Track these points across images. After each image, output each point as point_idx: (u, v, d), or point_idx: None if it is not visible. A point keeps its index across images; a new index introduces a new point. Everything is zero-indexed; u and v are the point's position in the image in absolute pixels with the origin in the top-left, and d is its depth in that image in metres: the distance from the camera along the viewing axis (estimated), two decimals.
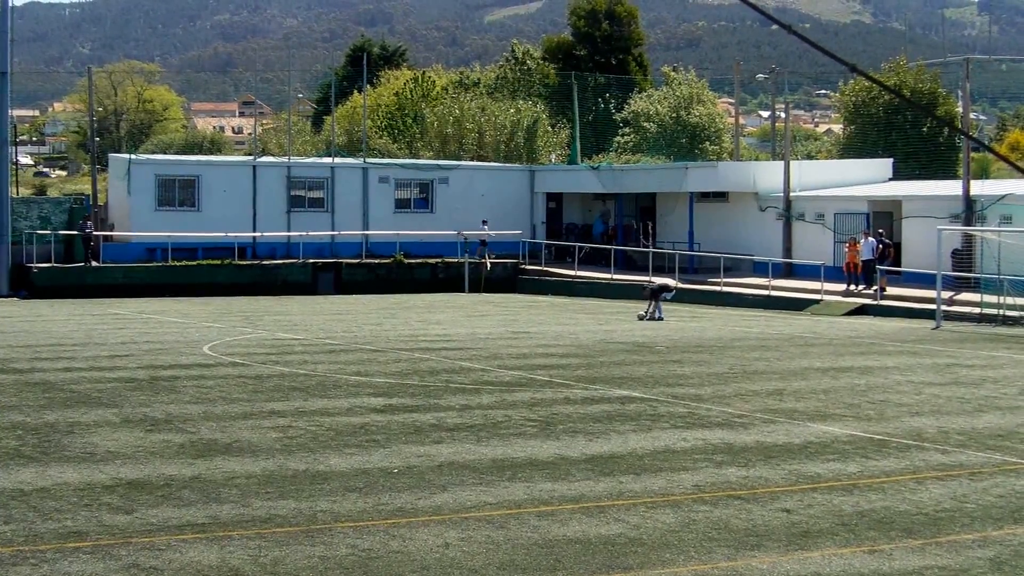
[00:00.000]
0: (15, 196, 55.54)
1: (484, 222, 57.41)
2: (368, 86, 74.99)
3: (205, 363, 26.92)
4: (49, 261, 51.13)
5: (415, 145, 75.29)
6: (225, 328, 35.81)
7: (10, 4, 51.87)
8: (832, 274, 47.26)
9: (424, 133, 75.26)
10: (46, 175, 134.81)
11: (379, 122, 78.82)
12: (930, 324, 38.74)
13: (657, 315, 40.14)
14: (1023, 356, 30.38)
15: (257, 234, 55.45)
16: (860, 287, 46.01)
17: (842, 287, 46.53)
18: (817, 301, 45.11)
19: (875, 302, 43.75)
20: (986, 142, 77.36)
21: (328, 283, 54.31)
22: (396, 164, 62.22)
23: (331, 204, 57.89)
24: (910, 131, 67.40)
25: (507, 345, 31.55)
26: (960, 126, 50.28)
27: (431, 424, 18.98)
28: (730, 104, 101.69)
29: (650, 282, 42.56)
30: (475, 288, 55.33)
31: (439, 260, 56.86)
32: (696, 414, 20.33)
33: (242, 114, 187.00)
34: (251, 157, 61.81)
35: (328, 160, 60.14)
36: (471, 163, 65.12)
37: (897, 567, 11.63)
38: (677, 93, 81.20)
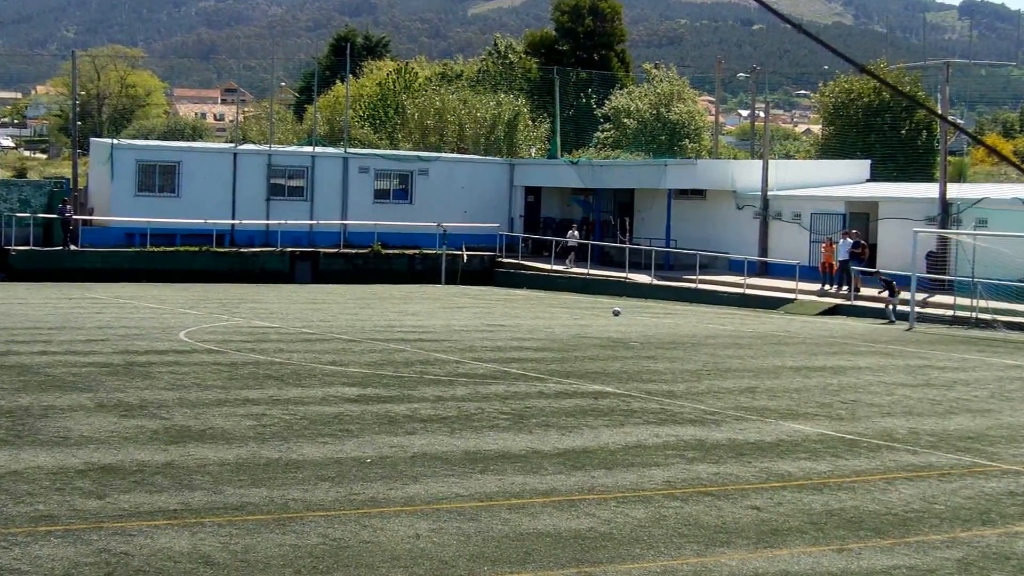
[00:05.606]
0: None
1: (574, 226, 58.78)
2: (351, 76, 74.95)
3: (181, 349, 26.90)
4: (28, 244, 50.95)
5: (396, 136, 75.25)
6: (202, 315, 35.76)
7: None
8: (807, 273, 47.42)
9: (405, 124, 75.22)
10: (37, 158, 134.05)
11: (361, 112, 78.77)
12: (903, 325, 38.95)
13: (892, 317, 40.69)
14: (994, 359, 30.56)
15: (236, 222, 55.37)
16: (835, 287, 46.15)
17: (817, 287, 46.69)
18: (791, 300, 45.26)
19: (849, 302, 43.92)
20: (964, 146, 77.61)
21: (306, 272, 54.24)
22: (376, 155, 62.10)
23: (311, 193, 57.83)
24: (888, 133, 67.69)
25: (482, 338, 31.59)
26: (938, 131, 50.49)
27: (404, 415, 19.02)
28: (710, 102, 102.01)
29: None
30: (452, 280, 55.35)
31: (417, 251, 56.83)
32: (669, 410, 20.41)
33: (224, 101, 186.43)
34: (232, 144, 61.65)
35: (309, 149, 60.04)
36: (451, 155, 65.06)
37: (865, 566, 11.71)
38: (658, 90, 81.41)
